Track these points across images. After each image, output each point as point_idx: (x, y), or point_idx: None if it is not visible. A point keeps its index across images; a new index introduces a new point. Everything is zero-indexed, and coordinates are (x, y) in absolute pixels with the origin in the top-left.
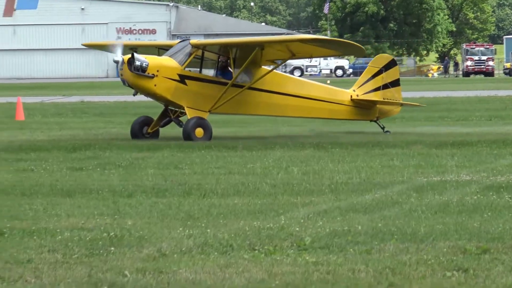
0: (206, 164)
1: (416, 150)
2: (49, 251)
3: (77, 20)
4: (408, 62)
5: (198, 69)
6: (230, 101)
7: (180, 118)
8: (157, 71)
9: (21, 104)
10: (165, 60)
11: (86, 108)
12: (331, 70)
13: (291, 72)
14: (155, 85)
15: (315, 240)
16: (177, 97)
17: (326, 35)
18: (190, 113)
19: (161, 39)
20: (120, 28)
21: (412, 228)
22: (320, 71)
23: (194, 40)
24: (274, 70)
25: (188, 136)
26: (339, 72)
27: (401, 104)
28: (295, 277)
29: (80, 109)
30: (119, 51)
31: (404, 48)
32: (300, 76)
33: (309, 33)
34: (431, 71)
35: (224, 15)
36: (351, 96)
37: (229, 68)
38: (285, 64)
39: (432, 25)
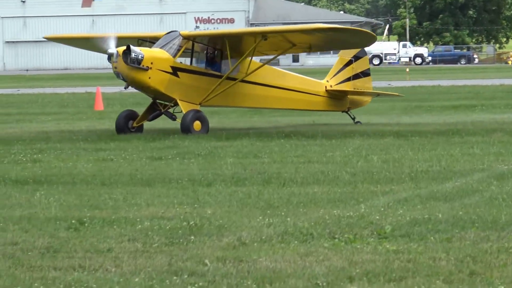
0: (285, 152)
1: (496, 138)
2: (129, 240)
3: (156, 10)
4: (488, 49)
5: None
6: (219, 93)
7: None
8: (151, 63)
9: (100, 94)
10: (159, 52)
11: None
12: (410, 58)
13: (370, 60)
14: (149, 78)
15: (395, 228)
16: (170, 90)
17: (404, 23)
18: (184, 106)
19: (239, 28)
20: (198, 17)
21: (493, 216)
22: (399, 59)
23: (184, 31)
24: (255, 60)
25: (187, 129)
26: (418, 60)
27: (378, 94)
28: (376, 266)
29: None
30: (112, 43)
31: (483, 36)
32: (379, 64)
33: (388, 21)
34: (511, 58)
35: (302, 3)
36: (326, 87)
37: (216, 60)
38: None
39: None
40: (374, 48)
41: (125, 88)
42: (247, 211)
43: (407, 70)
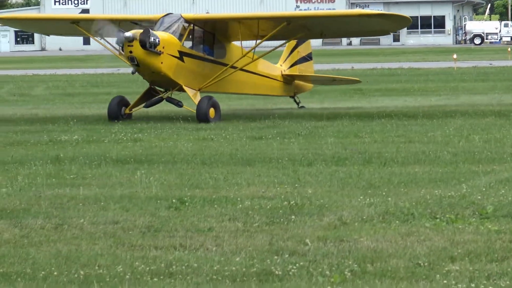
0: (386, 132)
1: None
2: (230, 220)
3: None
4: None
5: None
6: (214, 79)
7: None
8: (163, 47)
9: None
10: (168, 36)
11: None
12: (511, 37)
13: (472, 39)
14: (161, 63)
15: (497, 208)
16: (177, 75)
17: (506, 2)
18: (190, 93)
19: (339, 8)
20: None
21: None
22: (501, 38)
23: (187, 14)
24: (236, 45)
25: (205, 117)
26: None
27: (333, 79)
28: (477, 246)
29: None
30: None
31: None
32: (480, 44)
33: (489, 0)
34: None
35: None
36: (281, 71)
37: (210, 44)
38: (465, 32)
39: None
40: (476, 28)
41: (132, 73)
42: (348, 190)
43: (509, 49)
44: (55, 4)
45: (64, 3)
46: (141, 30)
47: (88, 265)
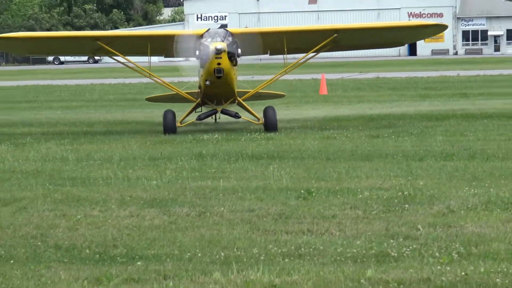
0: (488, 131)
1: None
2: (351, 208)
3: (373, 6)
4: None
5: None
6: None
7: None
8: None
9: (324, 80)
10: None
11: (381, 83)
12: None
13: None
14: (234, 74)
15: None
16: (236, 87)
17: None
18: (247, 105)
19: (447, 22)
20: (411, 12)
21: None
22: None
23: (231, 29)
24: None
25: (274, 126)
26: None
27: (259, 95)
28: None
29: (376, 84)
30: (218, 37)
31: None
32: None
33: None
34: None
35: None
36: None
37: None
38: None
39: None
40: None
41: (207, 85)
42: (455, 182)
43: None
44: (197, 20)
45: (205, 19)
46: (224, 43)
47: (228, 248)
